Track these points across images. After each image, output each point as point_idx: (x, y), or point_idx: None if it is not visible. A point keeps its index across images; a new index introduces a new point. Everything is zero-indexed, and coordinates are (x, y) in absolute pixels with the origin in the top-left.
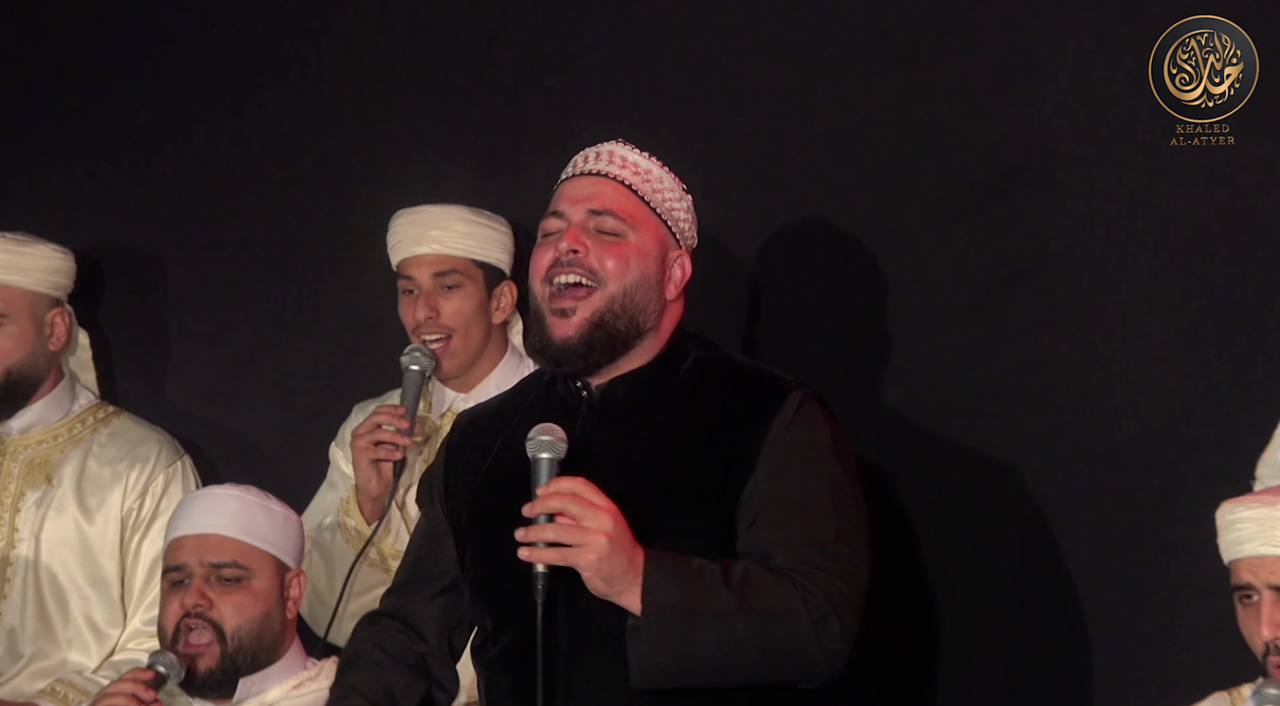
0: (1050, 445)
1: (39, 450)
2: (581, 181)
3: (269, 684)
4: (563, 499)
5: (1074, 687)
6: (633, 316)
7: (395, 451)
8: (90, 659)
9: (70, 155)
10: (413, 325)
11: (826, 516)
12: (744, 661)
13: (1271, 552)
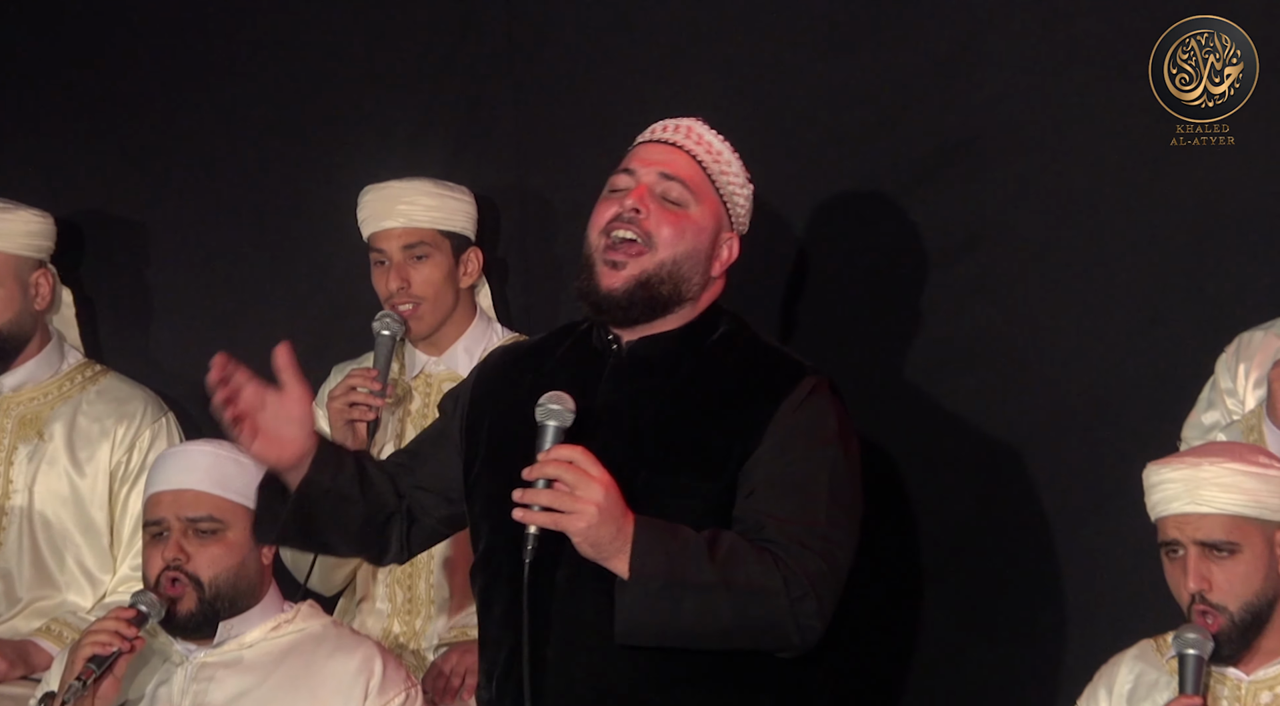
0: (989, 406)
1: (30, 406)
2: (658, 147)
3: (247, 627)
4: (559, 466)
5: (1017, 628)
6: (676, 284)
7: (369, 412)
8: (84, 600)
9: (51, 124)
10: (385, 295)
11: (820, 499)
12: (721, 631)
13: (1196, 510)
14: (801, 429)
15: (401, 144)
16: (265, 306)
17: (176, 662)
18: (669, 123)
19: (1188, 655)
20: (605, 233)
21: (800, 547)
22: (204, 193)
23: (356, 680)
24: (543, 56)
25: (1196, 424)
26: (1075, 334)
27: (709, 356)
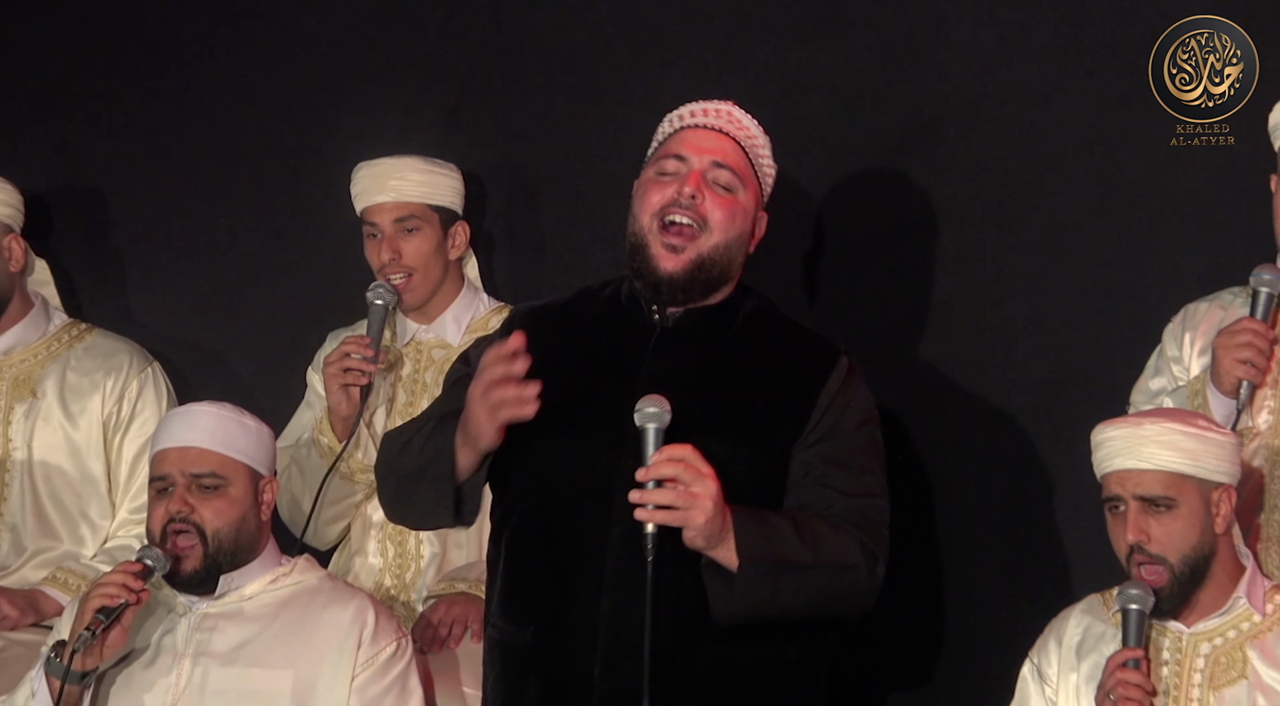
0: (949, 372)
1: (22, 368)
2: (705, 133)
3: (247, 579)
4: (675, 466)
5: (980, 576)
6: (725, 266)
7: (362, 377)
8: (86, 548)
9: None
10: (378, 265)
11: (872, 471)
12: (813, 604)
13: (1137, 466)
14: (850, 410)
15: (393, 123)
16: (266, 276)
17: (180, 613)
18: (709, 107)
19: (1130, 610)
20: (659, 216)
21: (865, 520)
22: (201, 168)
23: (350, 630)
24: (527, 42)
25: (1144, 389)
26: (1032, 304)
27: (746, 330)
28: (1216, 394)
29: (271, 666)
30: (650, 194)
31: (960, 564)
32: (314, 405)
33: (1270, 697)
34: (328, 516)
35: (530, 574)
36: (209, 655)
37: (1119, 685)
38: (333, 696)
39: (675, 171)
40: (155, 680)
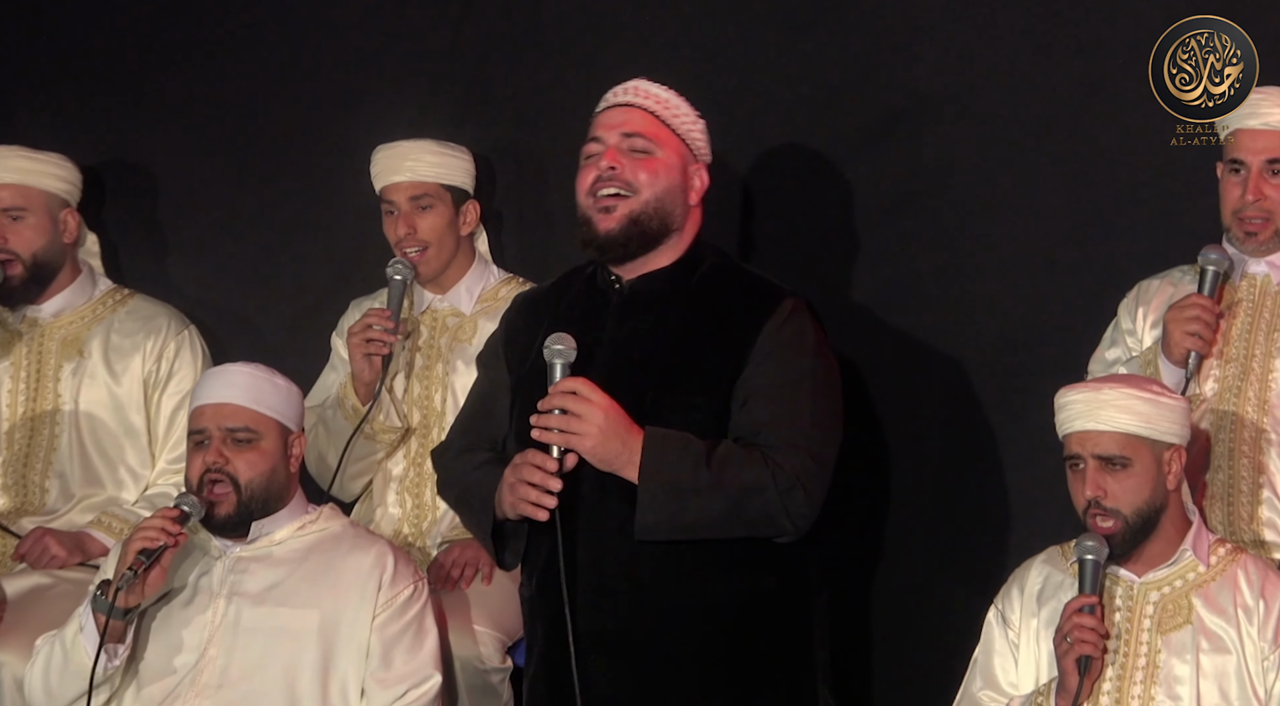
0: (924, 342)
1: (70, 329)
2: (614, 112)
3: (277, 526)
4: (564, 398)
5: (949, 525)
6: (663, 218)
7: (383, 347)
8: (128, 494)
9: (79, 80)
10: (395, 240)
11: (805, 404)
12: (721, 525)
13: (1096, 427)
14: (784, 344)
15: (410, 109)
16: (293, 247)
17: (215, 556)
18: (618, 88)
19: (1086, 560)
20: (591, 193)
21: (789, 447)
22: (234, 148)
23: (371, 574)
24: (535, 35)
25: (1100, 358)
26: (999, 280)
27: (699, 287)
28: (1167, 363)
29: (299, 606)
30: (581, 178)
31: (929, 516)
32: (338, 368)
33: (1213, 641)
34: (352, 472)
35: (530, 532)
36: (242, 595)
37: (1075, 628)
38: (355, 634)
39: (595, 152)
40: (192, 617)
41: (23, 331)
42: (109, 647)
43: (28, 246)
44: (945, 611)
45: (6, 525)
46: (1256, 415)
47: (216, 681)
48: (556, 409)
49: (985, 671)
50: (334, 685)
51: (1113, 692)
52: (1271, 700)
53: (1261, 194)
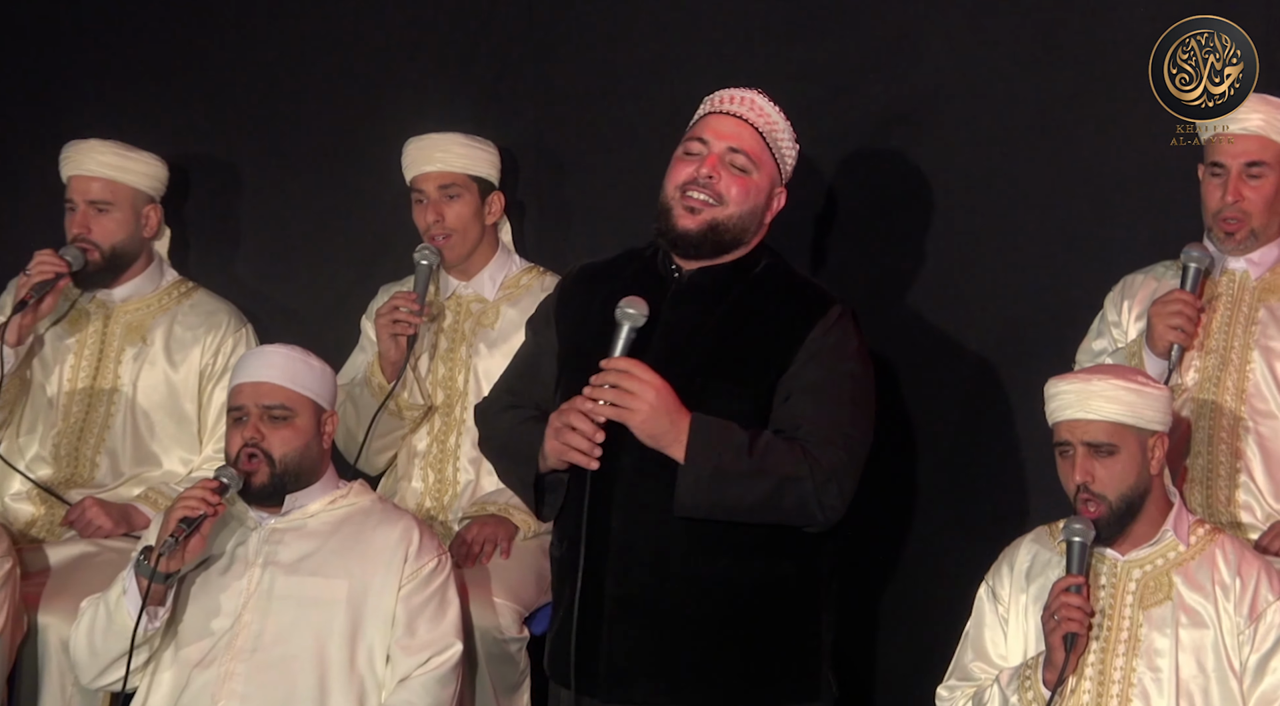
0: (919, 334)
1: (135, 315)
2: (726, 119)
3: (310, 499)
4: (618, 375)
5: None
6: (738, 234)
7: (409, 328)
8: (178, 473)
9: (162, 82)
10: (424, 227)
11: (844, 404)
12: (757, 510)
13: (1085, 416)
14: (829, 348)
15: (439, 103)
16: (324, 236)
17: (251, 527)
18: (733, 94)
19: (1074, 541)
20: (681, 189)
21: (827, 443)
22: (277, 146)
23: (398, 547)
24: (557, 35)
25: (1087, 349)
26: (993, 274)
27: (754, 285)
28: (1151, 355)
29: (329, 576)
30: (676, 169)
31: (924, 504)
32: (367, 349)
33: (1191, 616)
34: (377, 447)
35: (567, 496)
36: (276, 564)
37: (1062, 607)
38: (382, 603)
39: (698, 152)
40: (229, 584)
41: (91, 312)
42: (150, 610)
43: (109, 238)
44: (942, 597)
45: (58, 493)
46: (1235, 404)
47: (251, 645)
48: (608, 384)
49: (976, 644)
50: (361, 651)
51: (1097, 664)
52: (1246, 672)
53: (1240, 195)
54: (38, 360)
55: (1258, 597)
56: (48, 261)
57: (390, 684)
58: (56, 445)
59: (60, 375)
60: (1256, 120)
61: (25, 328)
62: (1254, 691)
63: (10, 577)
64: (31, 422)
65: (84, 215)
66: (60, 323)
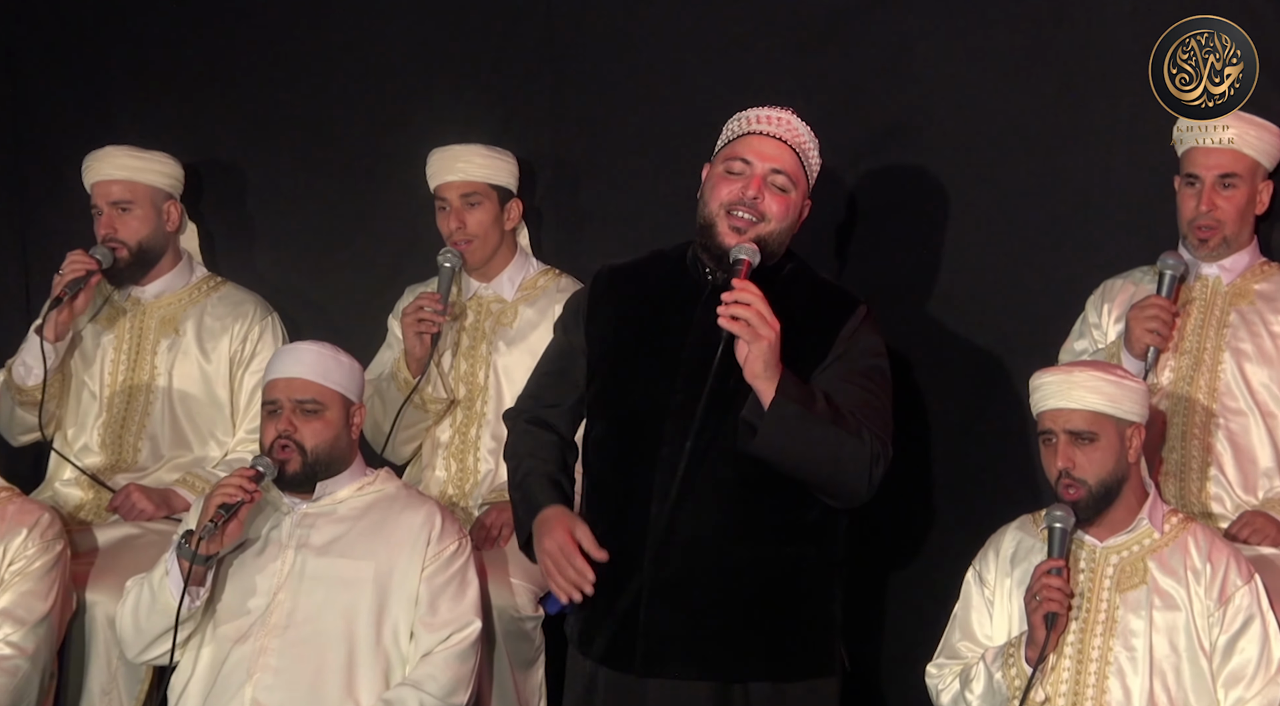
0: (912, 332)
1: (168, 309)
2: (767, 141)
3: (339, 486)
4: (754, 297)
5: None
6: (777, 246)
7: (433, 327)
8: (211, 458)
9: (180, 90)
10: (446, 233)
11: (879, 396)
12: (820, 464)
13: (1067, 406)
14: (860, 346)
15: (461, 116)
16: (356, 239)
17: (285, 512)
18: (770, 114)
19: (1055, 528)
20: (726, 206)
21: (870, 423)
22: (306, 152)
23: (421, 531)
24: (573, 53)
25: (1069, 349)
26: (982, 277)
27: (783, 287)
28: (1129, 356)
29: (357, 558)
30: (720, 187)
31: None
32: (393, 346)
33: (1165, 599)
34: (403, 438)
35: (603, 481)
36: (307, 547)
37: (1044, 588)
38: (406, 584)
39: (741, 172)
40: (264, 565)
41: (127, 308)
42: (191, 590)
43: (134, 235)
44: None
45: (102, 480)
46: (1207, 401)
47: (284, 622)
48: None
49: (963, 625)
50: (386, 628)
51: (1076, 644)
52: (1215, 652)
53: (1214, 205)
54: (78, 356)
55: (1227, 582)
56: (78, 260)
57: (413, 658)
58: (102, 435)
59: (102, 369)
60: (1230, 134)
61: (63, 324)
62: (1222, 670)
63: (62, 558)
64: (77, 415)
65: (109, 217)
66: (97, 320)
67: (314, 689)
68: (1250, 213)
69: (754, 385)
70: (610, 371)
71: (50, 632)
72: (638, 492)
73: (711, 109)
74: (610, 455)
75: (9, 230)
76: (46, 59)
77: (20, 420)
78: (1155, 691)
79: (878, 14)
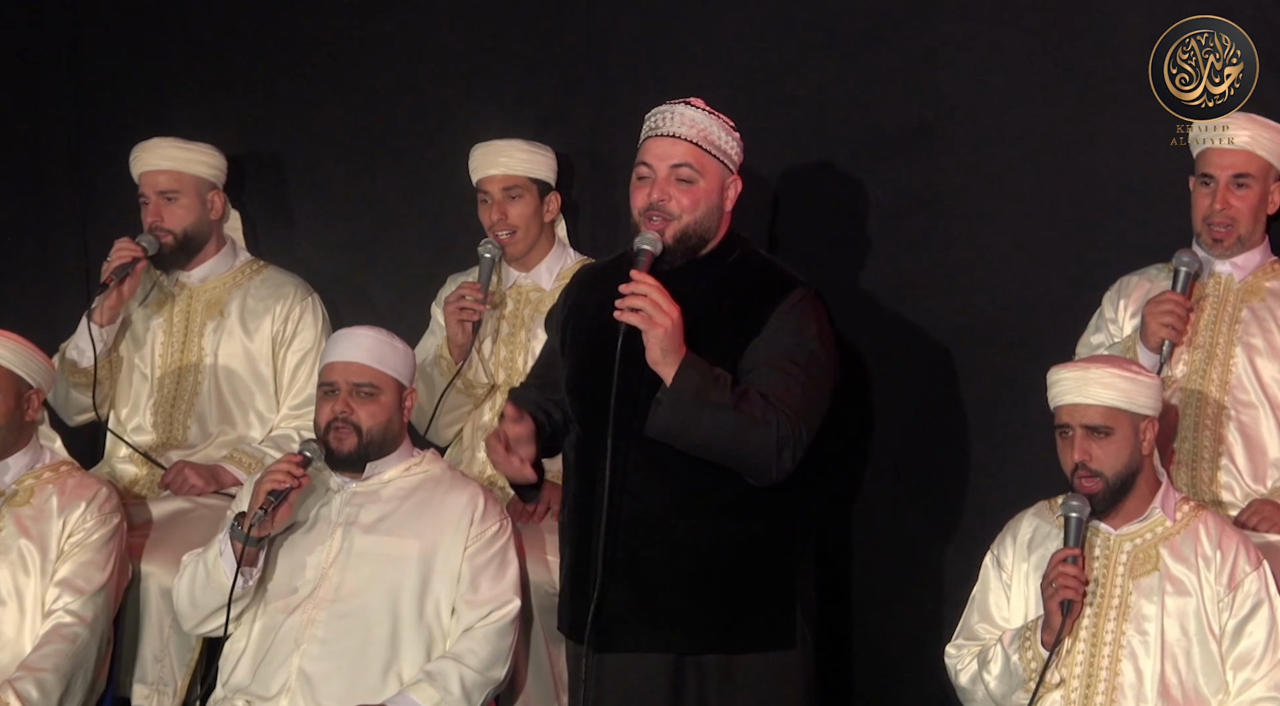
0: (933, 326)
1: (213, 293)
2: (662, 142)
3: (388, 466)
4: (649, 288)
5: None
6: (702, 233)
7: (474, 314)
8: (256, 433)
9: (227, 83)
10: (488, 225)
11: (798, 381)
12: (722, 447)
13: (1084, 401)
14: (789, 327)
15: (503, 112)
16: (401, 229)
17: (335, 491)
18: (665, 114)
19: (1071, 516)
20: (643, 213)
21: (786, 410)
22: (354, 143)
23: (465, 511)
24: (611, 54)
25: (1086, 343)
26: (1000, 270)
27: (728, 271)
28: (1144, 350)
29: (403, 536)
30: (635, 195)
31: (920, 479)
32: (436, 333)
33: (1176, 585)
34: (446, 421)
35: (570, 465)
36: (356, 525)
37: (1060, 576)
38: (450, 562)
39: (646, 176)
40: (315, 543)
41: (174, 293)
42: (244, 570)
43: (179, 223)
44: (924, 560)
45: (154, 458)
46: (1219, 394)
47: (332, 596)
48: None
49: (981, 608)
50: (429, 604)
51: (1090, 628)
52: (1225, 636)
53: (1227, 204)
54: (129, 339)
55: (1236, 568)
56: (125, 247)
57: (455, 633)
58: (154, 414)
59: (152, 352)
60: (1244, 137)
61: (112, 309)
62: (1231, 653)
63: (119, 531)
64: (129, 395)
65: (156, 206)
66: (146, 304)
67: (359, 660)
68: (1263, 212)
69: (655, 370)
70: (576, 364)
71: (107, 602)
72: (591, 475)
73: (735, 107)
74: (574, 440)
75: (70, 216)
76: (107, 52)
77: (75, 401)
78: (1166, 673)
79: (902, 20)
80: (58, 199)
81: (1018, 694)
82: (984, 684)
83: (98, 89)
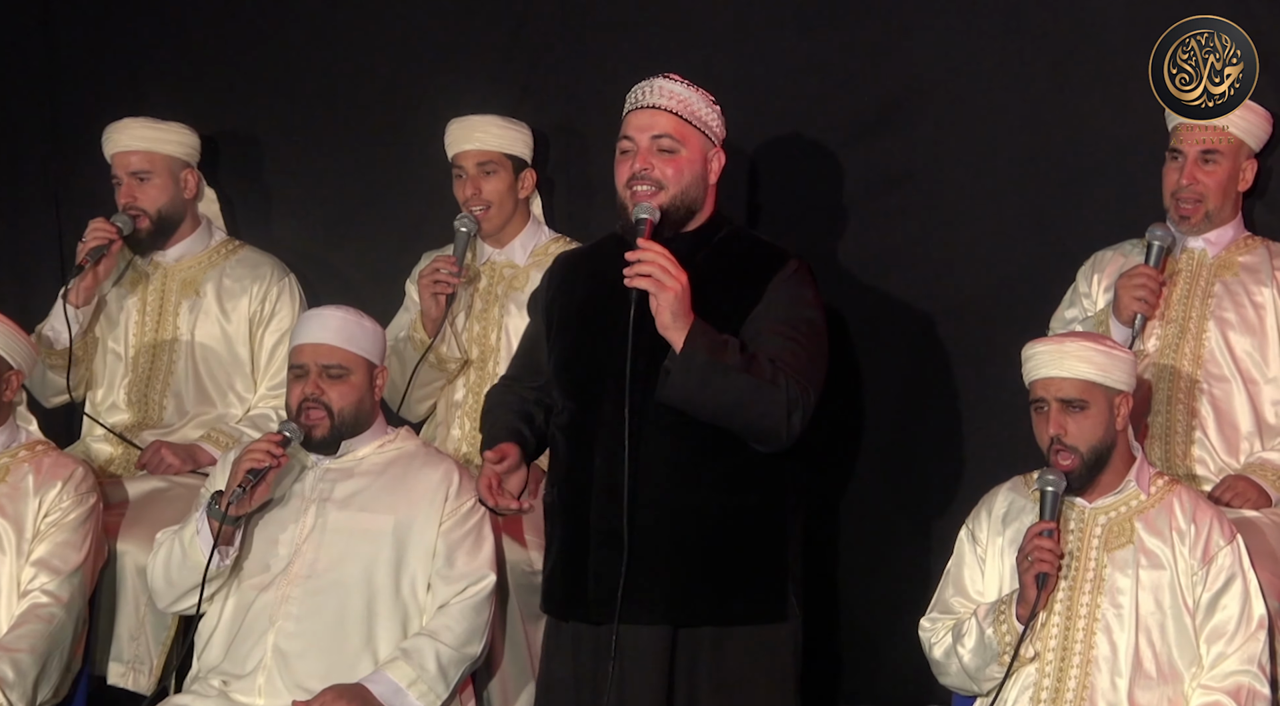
0: (911, 301)
1: (188, 272)
2: (642, 113)
3: (361, 444)
4: (658, 253)
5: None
6: (688, 205)
7: (447, 288)
8: (234, 413)
9: (199, 62)
10: (463, 199)
11: (802, 347)
12: (731, 411)
13: (1059, 374)
14: (786, 297)
15: (479, 87)
16: (375, 205)
17: (309, 468)
18: (645, 87)
19: (1047, 491)
20: (628, 186)
21: (791, 375)
22: (328, 120)
23: (439, 487)
24: (585, 31)
25: (1060, 317)
26: (975, 249)
27: (717, 248)
28: (1117, 323)
29: (377, 512)
30: (619, 169)
31: (902, 450)
32: (410, 309)
33: (1150, 558)
34: (418, 396)
35: (560, 443)
36: (330, 501)
37: (1035, 549)
38: (424, 538)
39: (628, 150)
40: (288, 519)
41: (149, 273)
42: (220, 549)
43: (153, 203)
44: (901, 533)
45: (130, 439)
46: (1191, 368)
47: (306, 573)
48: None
49: (956, 581)
50: (405, 579)
51: (1065, 601)
52: (1198, 609)
53: (1195, 179)
54: (104, 319)
55: (1210, 542)
56: (100, 228)
57: (430, 609)
58: (128, 394)
59: (126, 331)
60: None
61: (87, 289)
62: (1205, 626)
63: (95, 510)
64: (104, 376)
65: (129, 186)
66: (121, 284)
67: (334, 636)
68: (1233, 189)
69: (665, 335)
70: (564, 345)
71: (83, 582)
72: (585, 450)
73: (712, 84)
74: (564, 419)
75: (44, 195)
76: (81, 28)
77: (51, 382)
78: (1140, 646)
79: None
80: (32, 179)
81: (992, 667)
82: (958, 657)
83: (71, 69)
